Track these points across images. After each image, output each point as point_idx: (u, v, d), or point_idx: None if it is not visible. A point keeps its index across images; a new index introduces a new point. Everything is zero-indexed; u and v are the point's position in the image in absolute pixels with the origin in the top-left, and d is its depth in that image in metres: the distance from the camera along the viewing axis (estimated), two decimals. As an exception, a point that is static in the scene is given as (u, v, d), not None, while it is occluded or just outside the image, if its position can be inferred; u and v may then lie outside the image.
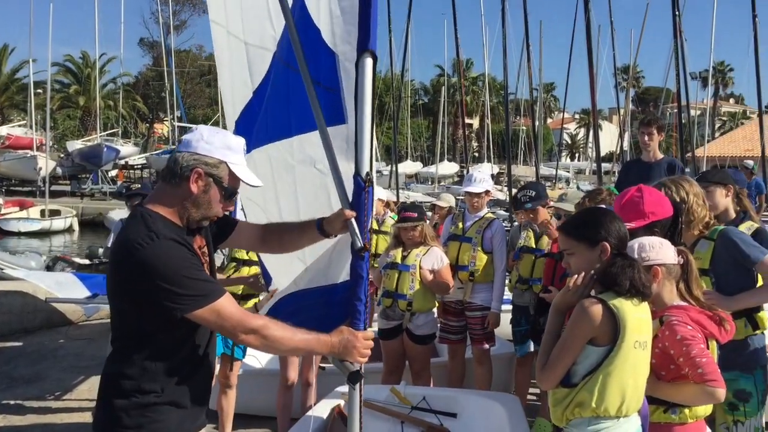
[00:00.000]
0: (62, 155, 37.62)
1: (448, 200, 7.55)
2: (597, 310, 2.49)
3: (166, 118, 47.47)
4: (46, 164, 30.17)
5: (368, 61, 2.47)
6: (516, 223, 5.90)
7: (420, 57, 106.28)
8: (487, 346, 5.45)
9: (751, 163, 13.18)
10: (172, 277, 2.18)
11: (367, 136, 2.48)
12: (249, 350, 5.22)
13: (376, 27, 2.48)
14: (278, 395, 5.06)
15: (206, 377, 2.50)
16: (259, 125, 3.08)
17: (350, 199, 2.57)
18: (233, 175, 2.39)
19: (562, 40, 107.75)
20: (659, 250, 2.78)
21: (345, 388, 4.09)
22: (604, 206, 3.99)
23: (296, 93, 2.71)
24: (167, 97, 38.49)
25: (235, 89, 3.32)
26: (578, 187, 36.14)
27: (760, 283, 3.46)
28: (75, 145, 37.22)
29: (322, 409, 4.21)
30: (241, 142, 2.43)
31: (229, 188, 2.40)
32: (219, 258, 5.40)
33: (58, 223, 26.40)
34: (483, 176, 5.71)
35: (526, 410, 4.70)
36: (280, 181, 3.06)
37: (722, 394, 2.58)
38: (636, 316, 2.53)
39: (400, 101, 30.43)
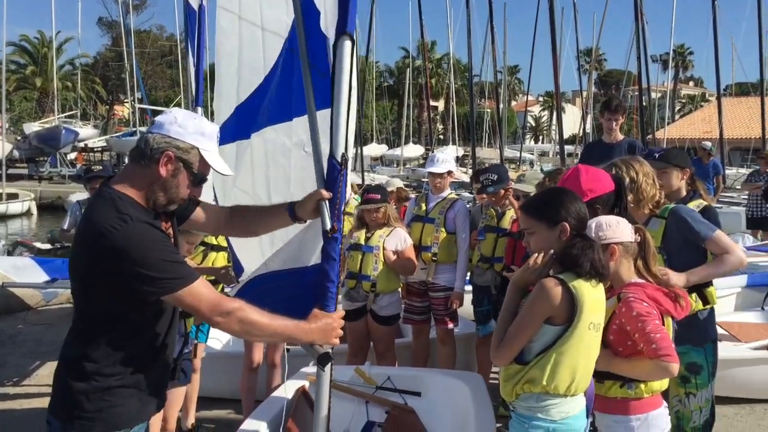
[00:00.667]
0: (19, 138, 36.69)
1: (393, 184, 7.60)
2: (557, 290, 2.53)
3: (126, 100, 46.58)
4: (2, 147, 29.32)
5: (346, 44, 2.46)
6: (477, 204, 5.94)
7: (384, 39, 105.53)
8: (450, 326, 5.50)
9: (708, 144, 13.43)
10: (148, 261, 2.15)
11: (343, 118, 2.48)
12: (212, 332, 5.20)
13: (355, 10, 2.47)
14: (242, 377, 5.05)
15: (167, 362, 2.48)
16: (263, 110, 3.08)
17: (320, 179, 2.57)
18: (204, 161, 2.36)
19: (527, 22, 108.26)
20: (616, 229, 2.82)
21: (310, 369, 4.12)
22: None
23: (299, 77, 2.71)
24: (127, 79, 37.70)
25: (243, 77, 3.33)
26: (542, 170, 36.54)
27: (709, 259, 3.54)
28: (32, 127, 36.29)
29: (287, 390, 4.21)
30: (215, 129, 2.42)
31: (199, 174, 2.37)
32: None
33: (15, 207, 25.79)
34: (445, 157, 5.73)
35: (490, 389, 4.77)
36: (275, 164, 3.06)
37: (676, 369, 2.64)
38: (593, 297, 2.57)
39: (365, 84, 30.30)
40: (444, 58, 51.40)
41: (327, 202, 2.51)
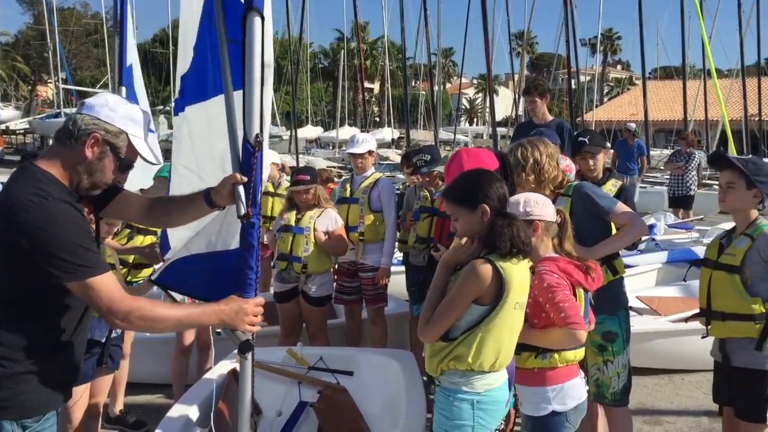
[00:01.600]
0: (-66, 120, 34.92)
1: (317, 164, 7.59)
2: (487, 270, 2.59)
3: (49, 80, 44.76)
4: None
5: (256, 20, 2.38)
6: (408, 185, 5.98)
7: (319, 21, 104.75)
8: (380, 305, 5.54)
9: (633, 126, 13.87)
10: (60, 241, 2.10)
11: (256, 98, 2.41)
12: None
13: None
14: (173, 361, 4.98)
15: (80, 350, 2.42)
16: (194, 82, 2.95)
17: (234, 162, 2.52)
18: (132, 147, 2.33)
19: (461, 4, 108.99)
20: (542, 207, 2.93)
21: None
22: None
23: (217, 52, 2.65)
24: (50, 58, 36.22)
25: (185, 46, 3.18)
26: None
27: (614, 231, 3.69)
28: (-52, 108, 34.59)
29: (218, 372, 4.18)
30: (145, 116, 2.38)
31: (126, 159, 2.34)
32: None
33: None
34: (365, 137, 5.78)
35: (422, 366, 4.85)
36: (218, 140, 2.96)
37: (583, 336, 2.76)
38: (520, 278, 2.65)
39: (299, 65, 29.97)
40: (379, 40, 51.32)
41: (242, 186, 2.45)
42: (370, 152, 5.66)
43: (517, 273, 2.64)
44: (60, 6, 46.08)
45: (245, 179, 2.46)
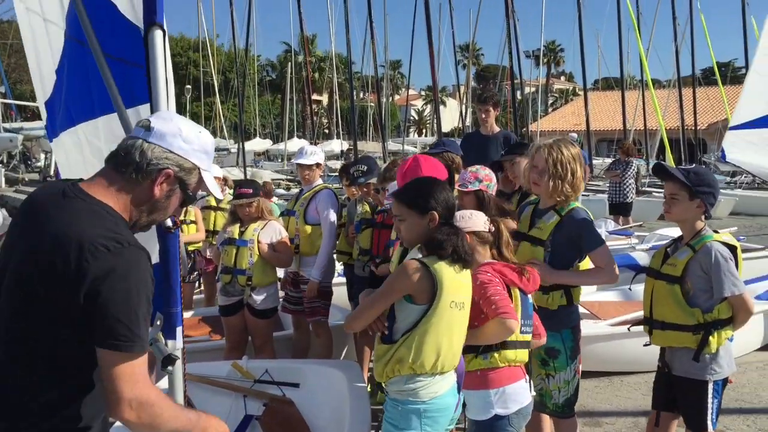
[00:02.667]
0: None
1: (260, 176, 7.52)
2: (415, 267, 2.67)
3: (-13, 95, 43.40)
4: None
5: (157, 34, 2.39)
6: (348, 197, 6.00)
7: (266, 33, 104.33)
8: (320, 317, 5.48)
9: (574, 135, 14.26)
10: (131, 304, 1.77)
11: (163, 110, 2.39)
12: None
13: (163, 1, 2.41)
14: None
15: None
16: (64, 106, 2.92)
17: None
18: (201, 182, 2.06)
19: (409, 17, 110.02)
20: (469, 220, 3.03)
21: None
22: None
23: (96, 71, 2.60)
24: (-12, 72, 35.20)
25: (43, 69, 3.13)
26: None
27: (585, 265, 3.68)
28: None
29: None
30: (214, 144, 2.16)
31: (192, 197, 2.08)
32: None
33: None
34: (314, 149, 5.77)
35: (369, 377, 4.88)
36: (92, 167, 2.93)
37: (514, 324, 2.84)
38: (453, 277, 2.71)
39: (245, 78, 29.81)
40: (327, 53, 51.38)
41: None
42: (317, 164, 5.64)
43: (450, 272, 2.70)
44: (-3, 18, 44.90)
45: None
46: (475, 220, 3.05)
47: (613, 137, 33.65)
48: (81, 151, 2.88)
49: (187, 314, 5.96)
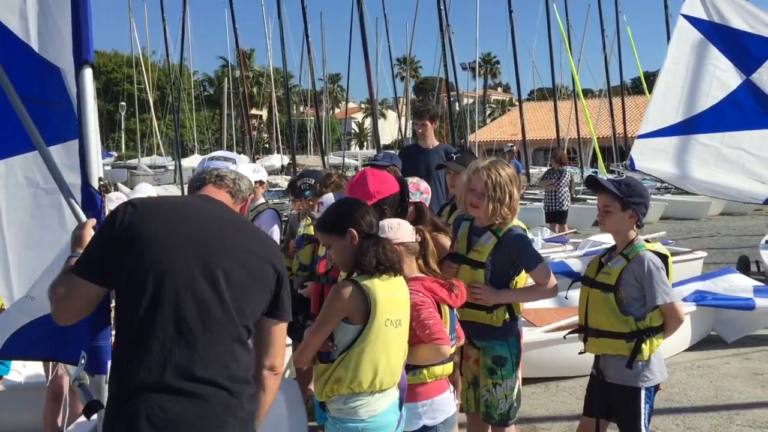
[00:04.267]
0: None
1: (143, 190, 7.14)
2: (347, 288, 2.69)
3: None
4: None
5: (87, 72, 2.44)
6: (293, 212, 5.96)
7: (201, 47, 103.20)
8: None
9: (510, 145, 14.59)
10: None
11: (94, 146, 2.46)
12: (14, 365, 4.82)
13: (92, 36, 2.44)
14: (45, 408, 4.74)
15: None
16: None
17: (80, 211, 2.48)
18: None
19: (346, 30, 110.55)
20: (397, 231, 3.04)
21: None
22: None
23: (5, 115, 2.61)
24: None
25: None
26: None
27: (522, 278, 3.74)
28: None
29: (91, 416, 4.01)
30: None
31: None
32: None
33: None
34: (256, 167, 5.69)
35: (306, 395, 4.85)
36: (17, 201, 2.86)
37: (447, 350, 2.91)
38: (387, 294, 2.73)
39: (180, 93, 29.38)
40: (264, 68, 51.13)
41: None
42: (260, 182, 5.56)
43: (384, 289, 2.72)
44: None
45: (94, 221, 2.44)
46: (402, 231, 3.06)
47: (549, 146, 34.50)
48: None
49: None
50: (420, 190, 4.07)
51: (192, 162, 39.69)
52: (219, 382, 2.10)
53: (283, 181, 27.26)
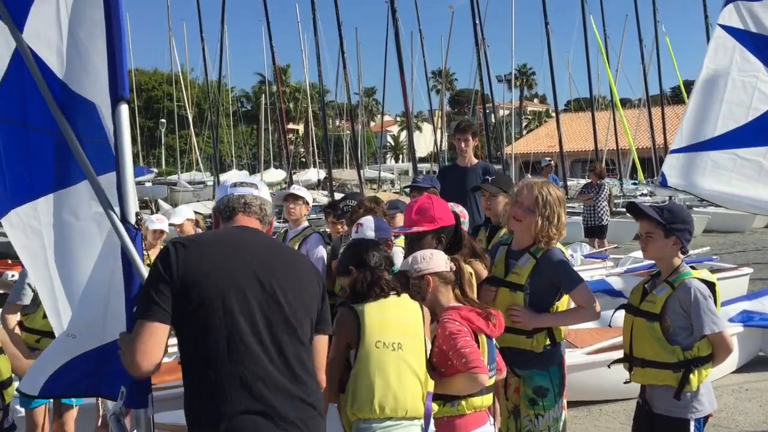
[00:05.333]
0: None
1: (183, 214, 7.18)
2: (342, 313, 2.83)
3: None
4: None
5: (123, 108, 2.48)
6: (332, 235, 5.95)
7: (239, 64, 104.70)
8: None
9: (549, 159, 14.47)
10: None
11: (130, 181, 2.49)
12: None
13: (126, 73, 2.48)
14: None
15: None
16: (5, 188, 2.89)
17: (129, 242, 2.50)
18: None
19: (381, 45, 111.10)
20: (429, 261, 3.07)
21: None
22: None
23: (35, 151, 2.67)
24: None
25: None
26: (401, 189, 37.36)
27: (564, 305, 3.67)
28: None
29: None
30: None
31: None
32: None
33: None
34: (302, 188, 5.71)
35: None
36: (28, 251, 2.91)
37: (485, 380, 2.86)
38: (379, 317, 2.78)
39: (219, 110, 29.83)
40: (301, 83, 51.61)
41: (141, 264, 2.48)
42: (305, 201, 5.56)
43: (377, 312, 2.79)
44: None
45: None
46: (435, 261, 3.08)
47: (587, 158, 34.08)
48: (24, 233, 2.87)
49: (166, 359, 5.86)
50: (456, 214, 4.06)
51: (230, 177, 40.20)
52: (304, 399, 2.34)
53: (320, 196, 27.38)
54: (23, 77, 2.64)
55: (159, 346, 2.22)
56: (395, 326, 2.79)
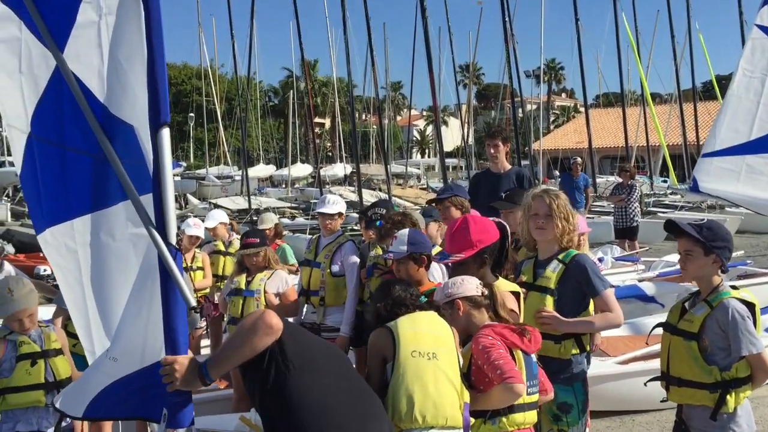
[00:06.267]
0: None
1: (269, 219, 7.47)
2: (376, 332, 2.95)
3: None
4: None
5: (165, 132, 2.49)
6: (365, 241, 5.92)
7: (266, 58, 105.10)
8: None
9: (578, 159, 14.35)
10: None
11: (171, 203, 2.50)
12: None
13: (167, 97, 2.50)
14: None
15: None
16: (41, 206, 2.94)
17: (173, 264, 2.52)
18: None
19: (408, 40, 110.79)
20: (460, 286, 3.13)
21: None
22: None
23: (73, 171, 2.70)
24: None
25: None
26: (428, 185, 37.28)
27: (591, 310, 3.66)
28: None
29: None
30: None
31: None
32: None
33: None
34: (336, 199, 5.68)
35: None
36: (64, 269, 2.95)
37: (522, 389, 2.87)
38: (411, 330, 2.88)
39: (248, 105, 29.99)
40: (329, 78, 51.67)
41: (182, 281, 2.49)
42: (339, 214, 5.57)
43: (409, 326, 2.90)
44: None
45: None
46: (466, 286, 3.15)
47: (616, 154, 33.68)
48: (58, 252, 2.90)
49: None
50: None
51: (257, 172, 40.45)
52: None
53: (347, 192, 27.40)
54: (61, 98, 2.66)
55: None
56: (428, 337, 2.86)
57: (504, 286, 3.43)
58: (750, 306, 3.34)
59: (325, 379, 2.50)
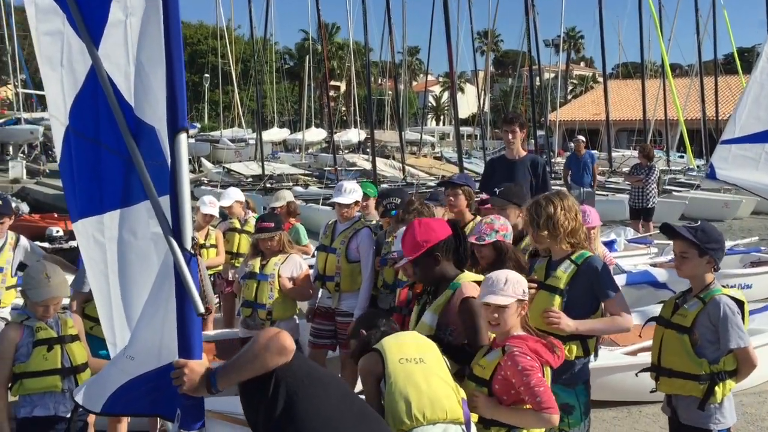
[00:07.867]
0: None
1: (284, 197, 7.47)
2: (365, 357, 3.03)
3: (9, 82, 43.70)
4: None
5: (183, 137, 2.50)
6: (382, 227, 5.92)
7: (283, 20, 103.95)
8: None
9: (581, 138, 14.26)
10: None
11: (187, 207, 2.51)
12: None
13: (186, 102, 2.51)
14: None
15: None
16: (75, 196, 2.98)
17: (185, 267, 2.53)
18: None
19: (427, 2, 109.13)
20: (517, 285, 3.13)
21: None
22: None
23: (108, 168, 2.73)
24: (9, 61, 35.39)
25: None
26: (442, 154, 37.02)
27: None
28: None
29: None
30: None
31: None
32: None
33: None
34: (353, 187, 5.69)
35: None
36: (93, 261, 2.98)
37: (557, 420, 2.94)
38: (395, 341, 2.98)
39: (263, 68, 29.77)
40: (345, 42, 51.11)
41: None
42: (356, 202, 5.60)
43: (392, 340, 3.00)
44: (19, 6, 45.06)
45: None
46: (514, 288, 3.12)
47: (634, 127, 33.30)
48: (87, 243, 2.95)
49: (206, 343, 5.98)
50: (495, 228, 4.06)
51: (271, 135, 40.34)
52: None
53: (361, 160, 27.29)
54: (96, 95, 2.68)
55: None
56: (413, 346, 2.97)
57: (468, 277, 3.45)
58: (739, 303, 3.56)
59: (332, 399, 2.52)
